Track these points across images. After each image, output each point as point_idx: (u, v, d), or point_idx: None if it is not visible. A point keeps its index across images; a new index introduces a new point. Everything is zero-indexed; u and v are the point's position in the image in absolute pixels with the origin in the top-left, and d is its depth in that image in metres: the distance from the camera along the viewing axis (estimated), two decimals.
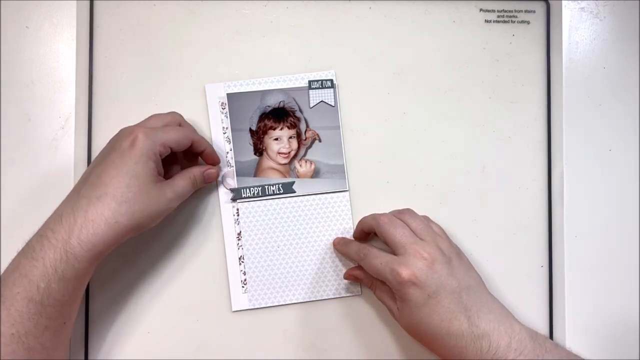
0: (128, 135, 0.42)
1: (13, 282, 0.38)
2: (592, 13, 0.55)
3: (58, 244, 0.39)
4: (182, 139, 0.44)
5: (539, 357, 0.40)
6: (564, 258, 0.52)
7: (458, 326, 0.41)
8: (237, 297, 0.49)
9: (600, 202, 0.53)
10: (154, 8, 0.51)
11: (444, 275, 0.42)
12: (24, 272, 0.38)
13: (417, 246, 0.43)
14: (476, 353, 0.40)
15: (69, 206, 0.40)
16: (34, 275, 0.38)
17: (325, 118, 0.51)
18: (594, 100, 0.53)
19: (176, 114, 0.47)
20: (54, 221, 0.40)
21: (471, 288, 0.43)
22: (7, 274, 0.39)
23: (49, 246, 0.39)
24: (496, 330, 0.41)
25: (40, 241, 0.39)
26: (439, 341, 0.42)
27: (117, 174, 0.40)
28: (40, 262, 0.38)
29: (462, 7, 0.53)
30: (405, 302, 0.42)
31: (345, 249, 0.48)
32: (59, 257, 0.38)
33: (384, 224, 0.45)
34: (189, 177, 0.45)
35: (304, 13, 0.52)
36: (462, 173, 0.52)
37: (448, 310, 0.41)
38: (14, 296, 0.38)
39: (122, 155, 0.41)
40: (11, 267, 0.39)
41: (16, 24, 0.50)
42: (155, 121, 0.45)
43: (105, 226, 0.39)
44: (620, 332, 0.52)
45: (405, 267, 0.42)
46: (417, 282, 0.41)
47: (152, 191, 0.42)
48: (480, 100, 0.52)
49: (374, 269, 0.44)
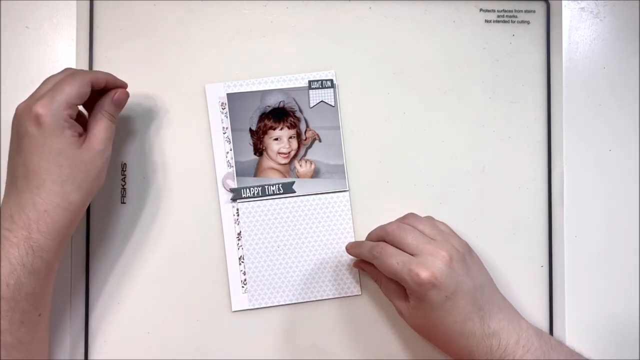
0: (28, 116, 0.39)
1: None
2: (592, 13, 0.55)
3: (20, 241, 0.38)
4: (81, 88, 0.41)
5: (545, 354, 0.40)
6: (564, 258, 0.52)
7: (471, 326, 0.41)
8: (237, 297, 0.49)
9: (600, 202, 0.53)
10: (154, 8, 0.51)
11: (461, 275, 0.42)
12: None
13: (431, 246, 0.42)
14: (486, 351, 0.40)
15: (13, 204, 0.39)
16: (1, 274, 0.38)
17: (325, 118, 0.51)
18: (594, 100, 0.53)
19: (67, 69, 0.44)
20: (6, 221, 0.39)
21: (484, 286, 0.43)
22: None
23: (11, 245, 0.38)
24: (505, 328, 0.41)
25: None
26: (450, 341, 0.42)
27: (42, 158, 0.39)
28: (6, 261, 0.38)
29: (462, 7, 0.53)
30: (421, 302, 0.42)
31: (358, 250, 0.47)
32: (24, 253, 0.38)
33: (392, 231, 0.44)
34: (102, 116, 0.43)
35: (304, 13, 0.52)
36: (462, 173, 0.52)
37: (464, 311, 0.41)
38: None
39: (36, 138, 0.39)
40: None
41: (16, 24, 0.50)
42: (45, 86, 0.42)
43: (60, 210, 0.39)
44: (620, 332, 0.52)
45: (424, 267, 0.41)
46: (437, 283, 0.41)
47: (83, 155, 0.41)
48: (480, 100, 0.52)
49: (389, 269, 0.43)
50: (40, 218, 0.39)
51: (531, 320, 0.49)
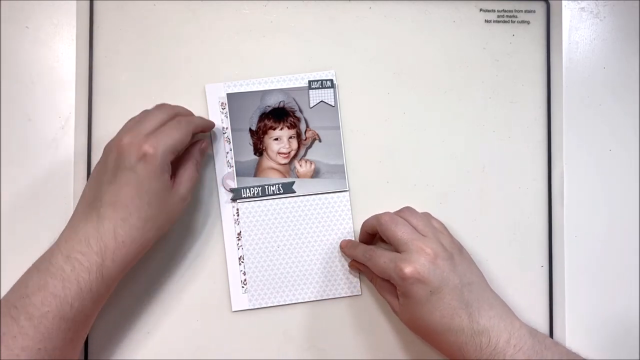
0: (137, 152, 0.41)
1: (42, 301, 0.38)
2: (592, 13, 0.55)
3: (92, 267, 0.39)
4: (186, 137, 0.44)
5: (537, 353, 0.40)
6: (564, 258, 0.52)
7: (459, 322, 0.41)
8: (237, 297, 0.49)
9: (600, 202, 0.53)
10: (154, 8, 0.51)
11: (446, 271, 0.42)
12: (54, 291, 0.38)
13: (419, 242, 0.43)
14: (475, 349, 0.41)
15: (92, 229, 0.40)
16: (67, 296, 0.38)
17: (325, 118, 0.51)
18: (594, 100, 0.53)
19: (165, 107, 0.46)
20: (81, 244, 0.40)
21: (473, 284, 0.43)
22: (33, 292, 0.38)
23: (82, 269, 0.39)
24: (496, 326, 0.41)
25: (69, 263, 0.39)
26: (440, 336, 0.42)
27: (136, 194, 0.40)
28: (75, 283, 0.39)
29: (462, 7, 0.53)
30: (408, 298, 0.42)
31: (353, 252, 0.48)
32: (94, 278, 0.39)
33: (385, 222, 0.45)
34: (192, 165, 0.46)
35: (304, 13, 0.52)
36: (462, 173, 0.52)
37: (450, 306, 0.41)
38: (44, 314, 0.38)
39: (136, 174, 0.40)
40: (35, 285, 0.39)
41: (16, 24, 0.50)
42: (151, 123, 0.43)
43: (136, 246, 0.41)
44: (620, 332, 0.52)
45: (408, 263, 0.42)
46: (421, 278, 0.41)
47: (170, 199, 0.43)
48: (480, 100, 0.52)
49: (379, 268, 0.44)
50: (117, 249, 0.40)
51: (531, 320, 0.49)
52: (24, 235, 0.48)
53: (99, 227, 0.40)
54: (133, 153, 0.41)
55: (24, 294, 0.38)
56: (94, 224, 0.40)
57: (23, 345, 0.37)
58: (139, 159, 0.41)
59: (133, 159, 0.41)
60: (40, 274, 0.39)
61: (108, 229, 0.40)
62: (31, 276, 0.39)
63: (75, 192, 0.49)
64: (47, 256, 0.40)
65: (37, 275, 0.39)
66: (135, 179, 0.40)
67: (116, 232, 0.40)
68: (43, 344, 0.38)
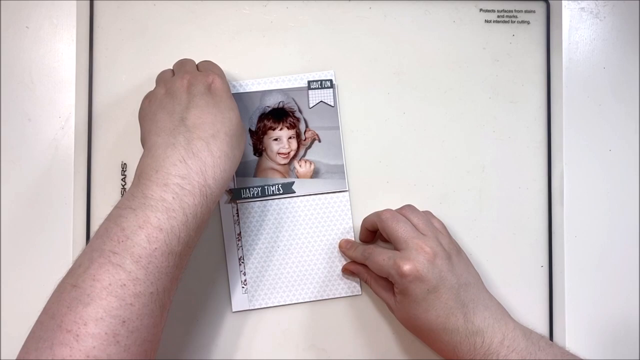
0: (203, 81, 0.42)
1: (147, 239, 0.34)
2: (592, 13, 0.55)
3: (195, 189, 0.37)
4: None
5: (531, 354, 0.41)
6: (564, 258, 0.52)
7: (454, 322, 0.41)
8: (237, 297, 0.49)
9: (600, 202, 0.53)
10: (154, 8, 0.51)
11: (444, 271, 0.42)
12: (158, 225, 0.35)
13: (418, 240, 0.43)
14: (469, 349, 0.41)
15: (183, 150, 0.38)
16: (174, 227, 0.35)
17: (324, 118, 0.51)
18: (594, 100, 0.53)
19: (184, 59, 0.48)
20: (177, 167, 0.37)
21: (469, 285, 0.43)
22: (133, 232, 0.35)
23: (185, 193, 0.36)
24: (490, 327, 0.41)
25: (170, 190, 0.36)
26: (434, 335, 0.42)
27: (218, 111, 0.41)
28: (180, 212, 0.36)
29: (462, 7, 0.53)
30: (405, 295, 0.43)
31: (351, 252, 0.49)
32: (198, 202, 0.37)
33: (386, 219, 0.45)
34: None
35: (304, 13, 0.52)
36: (462, 173, 0.52)
37: (446, 306, 0.42)
38: (151, 253, 0.34)
39: (212, 96, 0.42)
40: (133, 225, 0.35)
41: (16, 24, 0.50)
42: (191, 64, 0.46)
43: (229, 161, 0.40)
44: (620, 332, 0.52)
45: (407, 261, 0.42)
46: (419, 276, 0.41)
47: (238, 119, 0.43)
48: (480, 100, 0.52)
49: (377, 266, 0.44)
50: (215, 165, 0.39)
51: (531, 320, 0.49)
52: (24, 235, 0.48)
53: (191, 147, 0.38)
54: (201, 82, 0.42)
55: (121, 237, 0.34)
56: (183, 146, 0.38)
57: (135, 291, 0.33)
58: (209, 84, 0.43)
59: (203, 87, 0.42)
60: (136, 212, 0.35)
61: (201, 147, 0.39)
62: (124, 218, 0.35)
63: (75, 192, 0.49)
64: (137, 193, 0.36)
65: (132, 214, 0.35)
66: (213, 101, 0.42)
67: (210, 148, 0.39)
68: (155, 286, 0.34)
